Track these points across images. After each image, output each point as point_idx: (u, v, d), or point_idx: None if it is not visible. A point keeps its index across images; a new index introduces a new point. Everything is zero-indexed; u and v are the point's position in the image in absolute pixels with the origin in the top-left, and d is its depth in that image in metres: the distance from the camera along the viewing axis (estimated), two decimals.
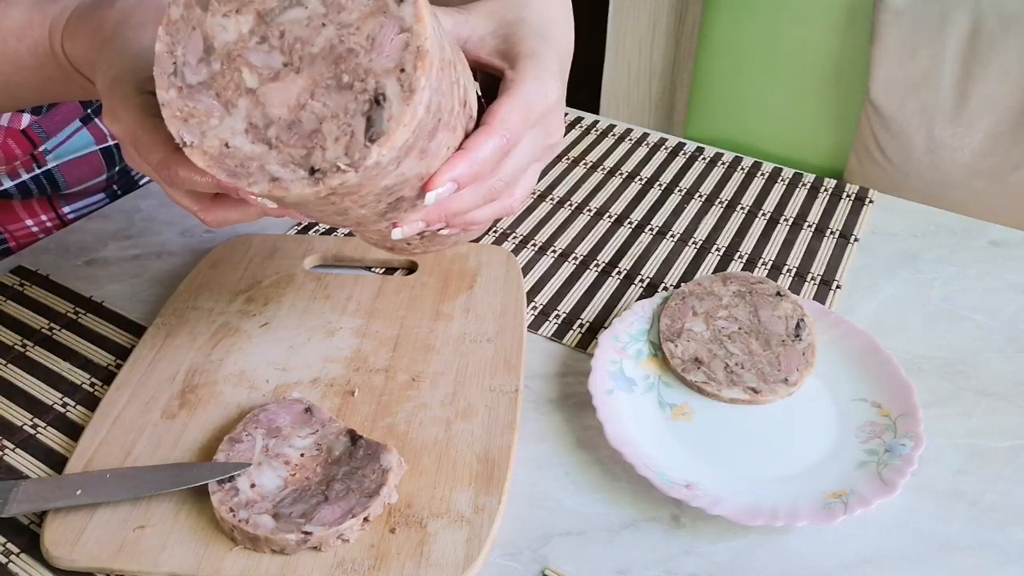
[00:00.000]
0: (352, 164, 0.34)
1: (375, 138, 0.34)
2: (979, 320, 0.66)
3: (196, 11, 0.35)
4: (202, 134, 0.36)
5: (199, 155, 0.36)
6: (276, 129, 0.35)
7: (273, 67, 0.35)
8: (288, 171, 0.35)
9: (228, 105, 0.35)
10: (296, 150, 0.35)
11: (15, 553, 0.49)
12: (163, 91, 0.36)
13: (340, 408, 0.56)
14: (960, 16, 1.14)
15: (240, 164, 0.35)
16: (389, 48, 0.34)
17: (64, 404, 0.58)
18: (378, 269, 0.69)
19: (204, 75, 0.35)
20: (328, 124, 0.35)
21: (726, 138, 1.38)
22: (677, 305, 0.63)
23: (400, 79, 0.34)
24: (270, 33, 0.35)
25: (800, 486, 0.52)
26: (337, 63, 0.34)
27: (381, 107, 0.34)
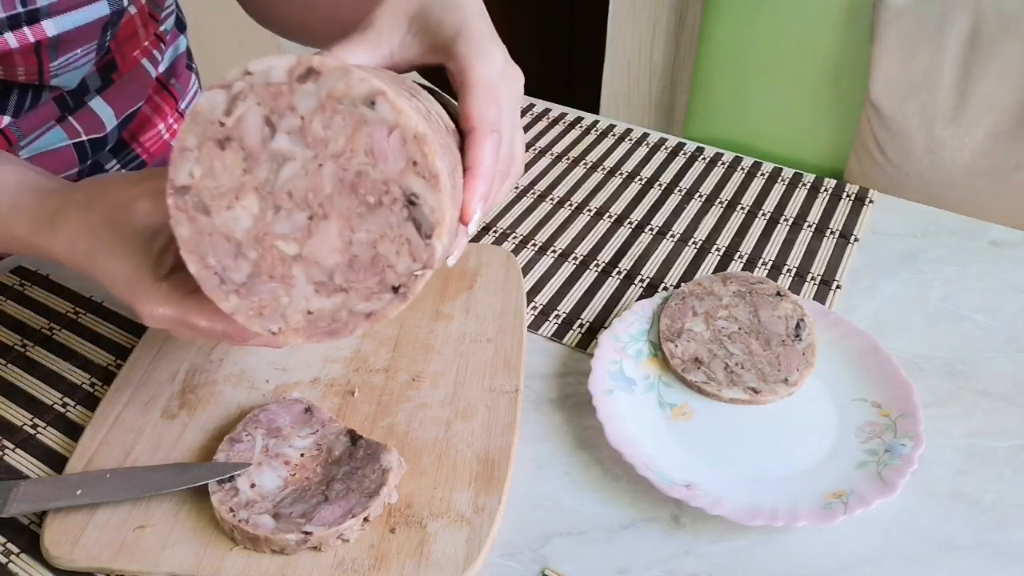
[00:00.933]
0: (424, 264, 0.35)
1: (429, 233, 0.35)
2: (979, 320, 0.66)
3: (202, 219, 0.35)
4: (283, 317, 0.36)
5: (292, 335, 0.37)
6: (341, 274, 0.36)
7: (301, 226, 0.35)
8: (375, 302, 0.36)
9: (285, 280, 0.36)
10: (370, 281, 0.36)
11: (15, 553, 0.49)
12: (224, 303, 0.36)
13: (340, 408, 0.56)
14: (960, 16, 1.14)
15: (332, 320, 0.36)
16: (390, 152, 0.34)
17: (64, 404, 0.58)
18: None
19: (247, 268, 0.36)
20: (383, 245, 0.35)
21: (726, 138, 1.38)
22: (677, 305, 0.63)
23: (419, 172, 0.34)
24: (279, 201, 0.35)
25: (800, 486, 0.52)
26: (355, 190, 0.35)
27: (418, 205, 0.35)
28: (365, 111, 0.34)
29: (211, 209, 0.35)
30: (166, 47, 0.79)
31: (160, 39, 0.78)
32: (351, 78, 0.33)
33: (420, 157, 0.34)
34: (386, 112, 0.34)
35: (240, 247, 0.35)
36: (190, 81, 0.87)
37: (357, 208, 0.35)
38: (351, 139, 0.34)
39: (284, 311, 0.36)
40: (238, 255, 0.35)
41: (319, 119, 0.33)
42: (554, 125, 0.90)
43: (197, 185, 0.34)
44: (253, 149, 0.34)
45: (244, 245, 0.35)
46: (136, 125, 0.84)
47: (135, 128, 0.84)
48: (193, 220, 0.35)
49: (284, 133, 0.34)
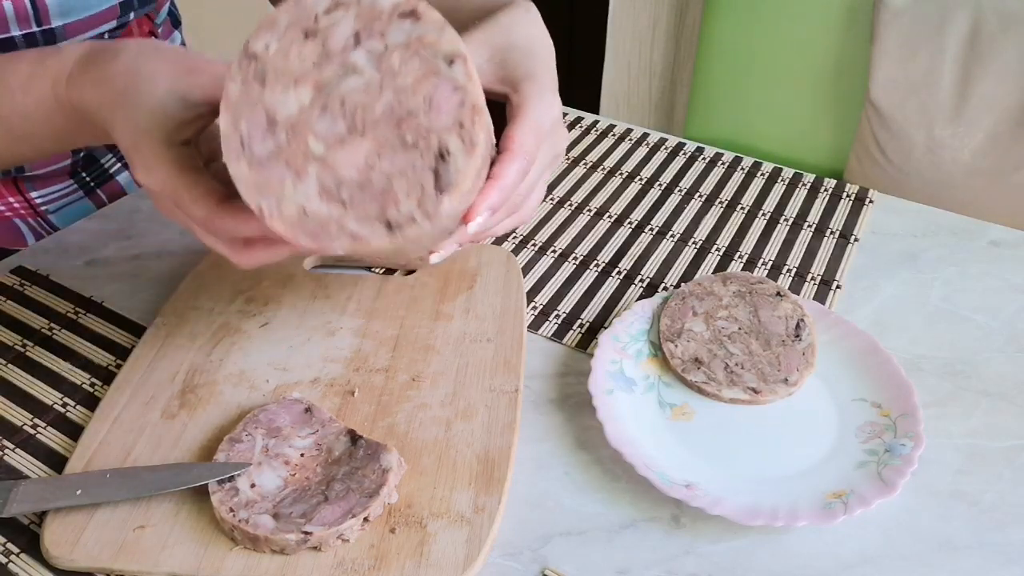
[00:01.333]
0: (426, 215, 0.36)
1: (444, 189, 0.36)
2: (979, 320, 0.66)
3: (255, 88, 0.36)
4: (279, 202, 0.37)
5: (279, 223, 0.37)
6: (348, 190, 0.37)
7: (338, 133, 0.37)
8: (366, 228, 0.37)
9: (299, 173, 0.37)
10: (371, 208, 0.37)
11: (15, 553, 0.49)
12: (234, 166, 0.37)
13: (340, 408, 0.56)
14: (960, 16, 1.14)
15: (319, 226, 0.37)
16: (447, 107, 0.36)
17: (64, 404, 0.58)
18: (378, 269, 0.69)
19: (272, 146, 0.37)
20: (398, 181, 0.36)
21: (726, 138, 1.38)
22: (677, 305, 0.63)
23: (461, 135, 0.36)
24: (330, 103, 0.36)
25: (800, 486, 0.52)
26: (399, 125, 0.36)
27: (446, 162, 0.36)
28: (442, 65, 0.36)
29: (268, 83, 0.36)
30: None
31: (153, 34, 0.78)
32: (444, 33, 0.36)
33: (468, 123, 0.36)
34: (459, 74, 0.36)
35: (274, 127, 0.37)
36: None
37: (393, 140, 0.36)
38: (419, 82, 0.36)
39: (282, 198, 0.37)
40: (268, 133, 0.37)
41: (400, 54, 0.36)
42: None
43: (267, 58, 0.36)
44: (332, 50, 0.36)
45: (279, 127, 0.37)
46: None
47: None
48: (247, 84, 0.36)
49: (364, 51, 0.36)
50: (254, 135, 0.37)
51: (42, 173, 0.77)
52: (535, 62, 0.48)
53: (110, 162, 0.84)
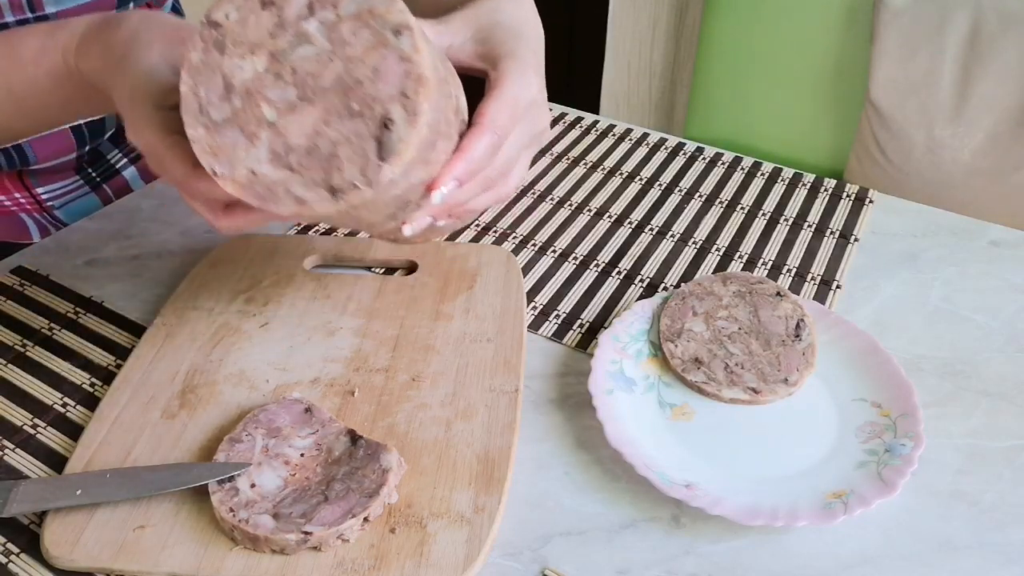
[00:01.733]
0: (368, 182, 0.38)
1: (386, 158, 0.38)
2: (979, 320, 0.66)
3: (214, 55, 0.39)
4: (231, 165, 0.39)
5: (230, 184, 0.39)
6: (296, 156, 0.39)
7: (289, 100, 0.38)
8: (311, 192, 0.38)
9: (252, 137, 0.39)
10: (316, 173, 0.38)
11: (15, 553, 0.49)
12: (192, 129, 0.39)
13: (340, 408, 0.56)
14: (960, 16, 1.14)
15: (267, 189, 0.39)
16: (392, 77, 0.37)
17: (64, 404, 0.58)
18: (378, 269, 0.69)
19: (227, 112, 0.39)
20: (343, 148, 0.38)
21: (726, 138, 1.38)
22: (677, 305, 0.63)
23: (404, 104, 0.38)
24: (283, 70, 0.38)
25: (800, 486, 0.52)
26: (346, 93, 0.38)
27: (390, 130, 0.38)
28: (390, 36, 0.37)
29: (226, 51, 0.38)
30: None
31: None
32: (394, 5, 0.37)
33: (412, 94, 0.37)
34: (406, 45, 0.37)
35: (231, 93, 0.39)
36: None
37: (341, 108, 0.38)
38: (367, 52, 0.37)
39: (235, 161, 0.39)
40: (225, 98, 0.39)
41: (350, 24, 0.37)
42: (554, 125, 0.90)
43: (227, 26, 0.38)
44: (287, 20, 0.38)
45: (235, 93, 0.39)
46: None
47: None
48: (207, 52, 0.39)
49: (318, 21, 0.38)
50: (211, 100, 0.39)
51: (47, 167, 0.77)
52: (518, 42, 0.49)
53: (116, 157, 0.84)
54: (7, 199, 0.77)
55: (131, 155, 0.85)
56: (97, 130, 0.78)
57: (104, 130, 0.79)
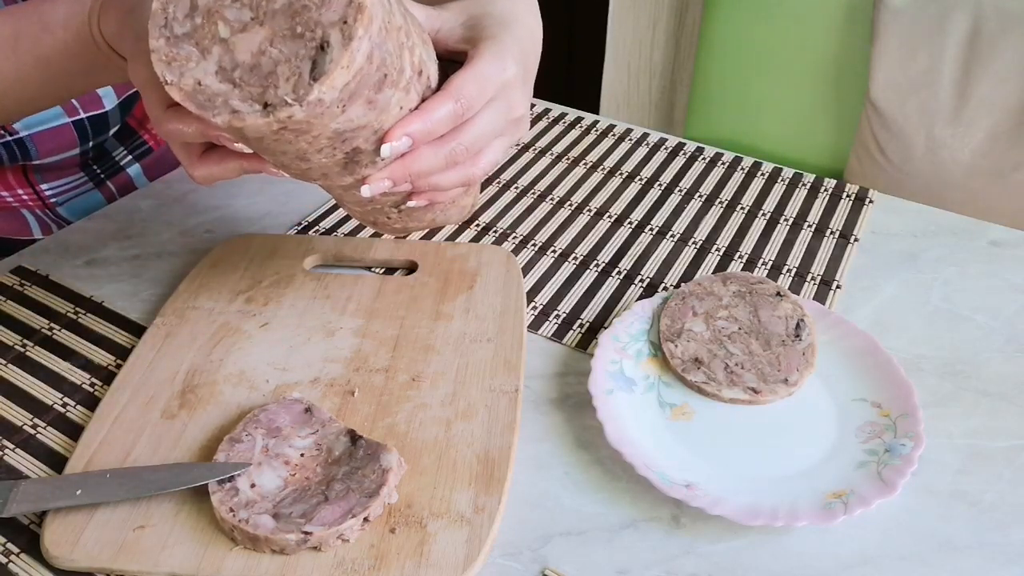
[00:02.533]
0: (297, 99, 0.40)
1: (318, 78, 0.40)
2: (979, 320, 0.66)
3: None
4: (180, 75, 0.42)
5: (176, 91, 0.42)
6: (240, 71, 0.42)
7: (243, 20, 0.41)
8: (246, 105, 0.41)
9: (204, 52, 0.42)
10: (254, 88, 0.41)
11: (15, 553, 0.49)
12: (153, 40, 0.42)
13: (340, 408, 0.56)
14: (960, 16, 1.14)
15: (208, 99, 0.42)
16: (336, 4, 0.40)
17: (64, 404, 0.58)
18: (378, 269, 0.69)
19: (188, 27, 0.42)
20: (282, 67, 0.41)
21: (726, 138, 1.38)
22: (677, 305, 0.63)
23: (342, 29, 0.40)
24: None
25: (800, 486, 0.52)
26: (293, 17, 0.41)
27: (325, 53, 0.40)
28: None
29: None
30: None
31: None
32: None
33: (352, 20, 0.40)
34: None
35: (195, 11, 0.42)
36: None
37: (285, 30, 0.41)
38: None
39: (184, 71, 0.42)
40: (189, 15, 0.42)
41: None
42: (554, 125, 0.90)
43: None
44: None
45: (198, 12, 0.42)
46: (143, 112, 0.84)
47: (142, 115, 0.84)
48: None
49: None
50: (177, 16, 0.42)
51: (52, 163, 0.77)
52: (503, 30, 0.50)
53: (120, 154, 0.84)
54: (10, 195, 0.77)
55: (135, 152, 0.85)
56: (101, 125, 0.78)
57: (108, 126, 0.79)
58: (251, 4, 0.41)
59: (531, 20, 0.54)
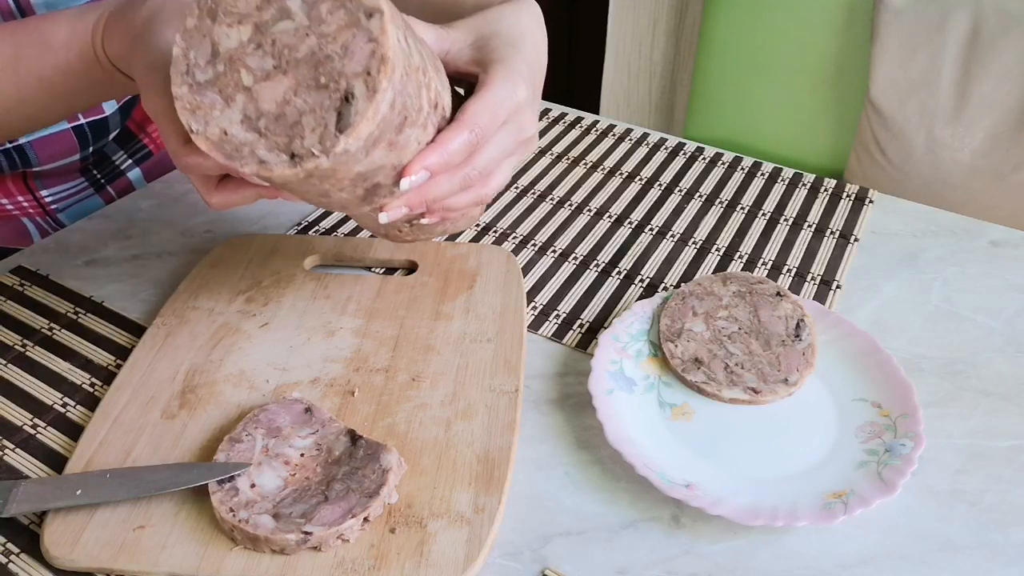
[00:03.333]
0: (324, 151, 0.41)
1: (343, 130, 0.40)
2: (979, 320, 0.66)
3: (207, 21, 0.42)
4: (206, 123, 0.42)
5: (203, 140, 0.42)
6: (265, 120, 0.42)
7: (266, 69, 0.42)
8: (273, 155, 0.41)
9: (228, 100, 0.42)
10: (280, 138, 0.41)
11: (15, 553, 0.49)
12: (176, 87, 0.42)
13: (340, 408, 0.56)
14: (960, 16, 1.14)
15: (235, 148, 0.42)
16: (359, 55, 0.40)
17: (64, 404, 0.58)
18: (378, 269, 0.69)
19: (211, 74, 0.42)
20: (307, 117, 0.41)
21: (726, 138, 1.38)
22: (677, 305, 0.63)
23: (366, 81, 0.40)
24: (264, 41, 0.41)
25: (800, 486, 0.52)
26: (317, 67, 0.41)
27: (350, 104, 0.40)
28: (362, 17, 0.40)
29: (217, 19, 0.42)
30: None
31: None
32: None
33: (375, 72, 0.40)
34: (375, 27, 0.40)
35: (216, 58, 0.42)
36: None
37: (309, 80, 0.41)
38: (340, 31, 0.40)
39: (209, 120, 0.42)
40: (211, 62, 0.42)
41: (328, 4, 0.40)
42: (554, 125, 0.90)
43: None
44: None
45: (220, 58, 0.42)
46: (142, 115, 0.84)
47: (142, 118, 0.84)
48: (201, 19, 0.42)
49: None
50: (199, 63, 0.42)
51: (51, 169, 0.77)
52: (512, 51, 0.50)
53: (121, 158, 0.84)
54: (10, 202, 0.77)
55: (136, 156, 0.85)
56: (101, 130, 0.78)
57: (108, 131, 0.79)
58: (273, 52, 0.41)
59: (537, 33, 0.54)
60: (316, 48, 0.41)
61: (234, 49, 0.42)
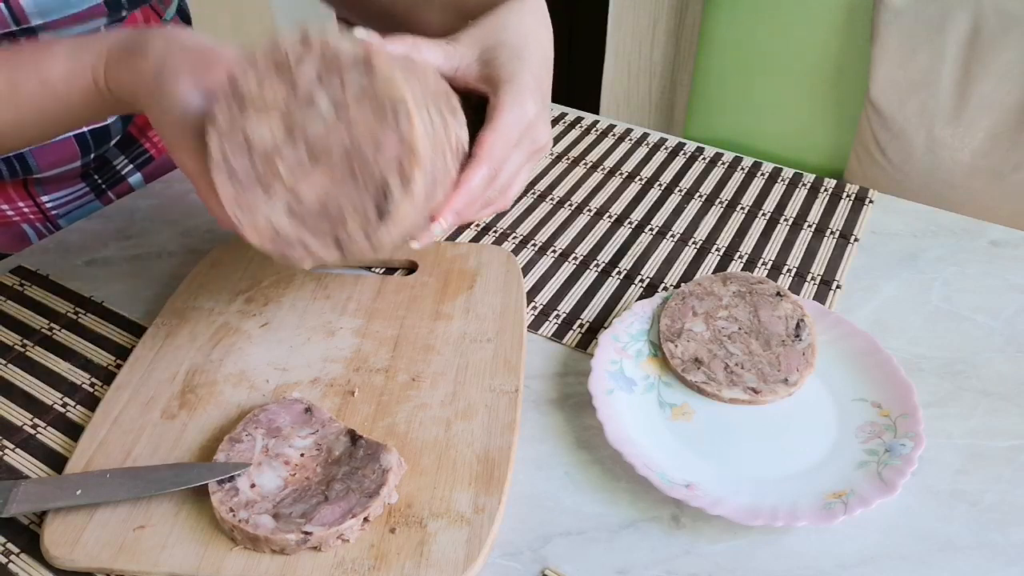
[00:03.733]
0: (368, 238, 0.43)
1: (384, 219, 0.42)
2: (979, 320, 0.66)
3: (235, 112, 0.43)
4: (253, 216, 0.44)
5: (250, 231, 0.45)
6: (308, 212, 0.44)
7: (301, 162, 0.43)
8: (320, 244, 0.44)
9: (271, 195, 0.44)
10: (325, 228, 0.43)
11: (15, 553, 0.49)
12: (221, 187, 0.44)
13: (340, 408, 0.56)
14: (960, 16, 1.14)
15: (283, 239, 0.44)
16: (390, 149, 0.42)
17: (64, 404, 0.58)
18: (378, 269, 0.69)
19: (250, 172, 0.44)
20: (348, 209, 0.43)
21: (726, 138, 1.38)
22: (677, 305, 0.63)
23: (400, 174, 0.42)
24: (296, 134, 0.43)
25: (800, 486, 0.52)
26: (351, 160, 0.42)
27: (387, 196, 0.42)
28: (389, 113, 0.41)
29: (246, 107, 0.42)
30: None
31: None
32: (392, 85, 0.41)
33: (407, 164, 0.41)
34: (403, 122, 0.41)
35: (252, 153, 0.43)
36: None
37: (346, 173, 0.42)
38: (368, 126, 0.41)
39: (256, 214, 0.44)
40: (248, 158, 0.43)
41: (355, 99, 0.41)
42: (554, 125, 0.90)
43: (246, 88, 0.42)
44: (300, 87, 0.42)
45: (256, 154, 0.43)
46: (144, 120, 0.84)
47: (143, 122, 0.84)
48: (230, 109, 0.43)
49: (326, 92, 0.41)
50: (236, 160, 0.43)
51: (53, 175, 0.77)
52: (519, 64, 0.51)
53: (122, 163, 0.84)
54: (10, 208, 0.77)
55: (137, 161, 0.85)
56: (102, 137, 0.78)
57: (110, 137, 0.79)
58: (307, 145, 0.43)
59: (543, 35, 0.55)
60: (347, 142, 0.42)
61: (268, 144, 0.43)
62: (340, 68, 0.41)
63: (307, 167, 0.43)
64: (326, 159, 0.42)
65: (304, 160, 0.43)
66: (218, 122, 0.43)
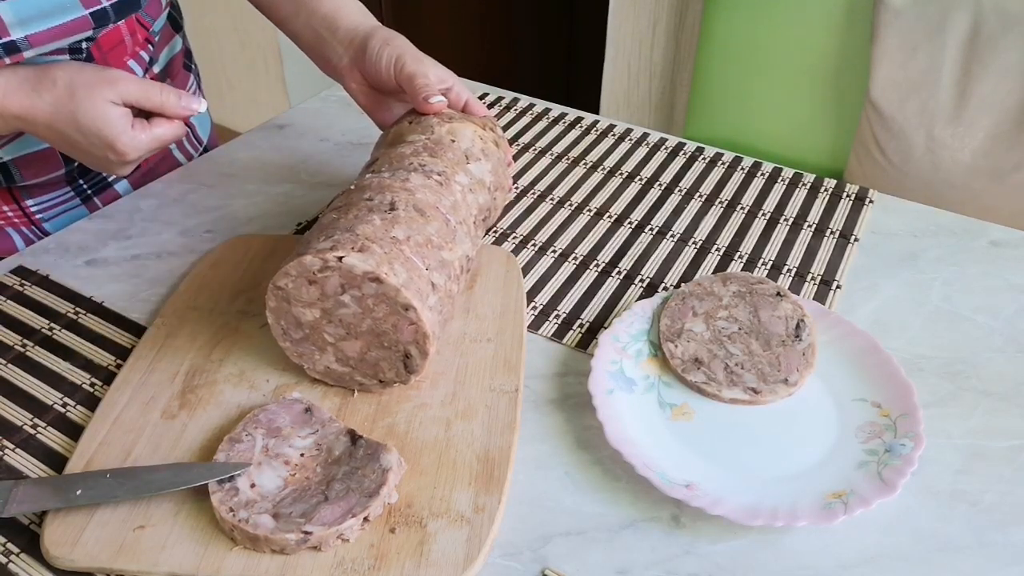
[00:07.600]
0: (402, 381, 0.56)
1: (412, 372, 0.55)
2: (979, 320, 0.66)
3: (284, 304, 0.54)
4: (312, 363, 0.57)
5: (314, 373, 0.57)
6: (354, 361, 0.56)
7: (340, 334, 0.55)
8: (367, 381, 0.57)
9: (321, 349, 0.56)
10: (368, 371, 0.56)
11: (15, 553, 0.49)
12: (282, 343, 0.56)
13: (340, 408, 0.56)
14: (960, 16, 1.14)
15: (338, 377, 0.57)
16: (406, 331, 0.53)
17: (64, 404, 0.58)
18: None
19: (302, 335, 0.55)
20: (383, 364, 0.55)
21: (726, 138, 1.38)
22: (677, 305, 0.63)
23: (417, 347, 0.54)
24: (333, 318, 0.54)
25: (800, 486, 0.52)
26: (378, 336, 0.54)
27: (410, 359, 0.54)
28: (400, 309, 0.52)
29: (292, 303, 0.54)
30: (155, 48, 0.79)
31: (149, 42, 0.77)
32: (400, 294, 0.52)
33: (422, 342, 0.53)
34: (414, 316, 0.52)
35: (302, 325, 0.55)
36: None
37: (376, 344, 0.54)
38: (387, 316, 0.53)
39: (314, 362, 0.57)
40: (299, 327, 0.55)
41: (373, 300, 0.52)
42: (554, 125, 0.90)
43: (288, 290, 0.53)
44: (328, 292, 0.53)
45: (304, 325, 0.55)
46: None
47: None
48: (280, 301, 0.54)
49: (349, 295, 0.53)
50: (289, 327, 0.55)
51: (38, 182, 0.76)
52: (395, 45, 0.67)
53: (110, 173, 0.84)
54: None
55: None
56: None
57: None
58: (343, 325, 0.54)
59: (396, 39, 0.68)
60: (373, 325, 0.53)
61: (312, 322, 0.54)
62: (356, 280, 0.52)
63: (345, 338, 0.55)
64: (358, 334, 0.54)
65: (342, 334, 0.55)
66: (271, 305, 0.55)
